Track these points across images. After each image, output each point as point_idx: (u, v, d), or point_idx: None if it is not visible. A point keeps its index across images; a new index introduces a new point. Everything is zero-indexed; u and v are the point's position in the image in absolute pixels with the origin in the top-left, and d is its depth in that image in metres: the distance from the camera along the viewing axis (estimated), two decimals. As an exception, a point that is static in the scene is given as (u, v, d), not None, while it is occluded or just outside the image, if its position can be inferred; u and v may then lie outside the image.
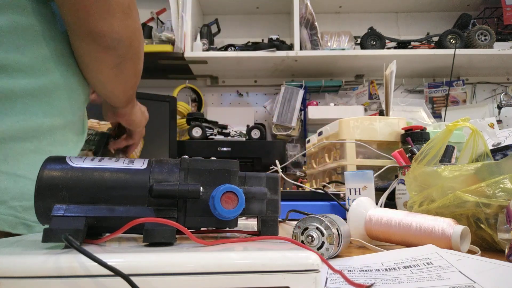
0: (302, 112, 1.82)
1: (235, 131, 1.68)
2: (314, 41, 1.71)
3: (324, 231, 0.46)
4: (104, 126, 0.84)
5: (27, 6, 0.47)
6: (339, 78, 1.96)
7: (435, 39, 1.80)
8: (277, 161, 1.18)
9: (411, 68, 1.87)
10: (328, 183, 1.03)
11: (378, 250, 0.52)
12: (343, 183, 0.87)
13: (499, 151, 0.87)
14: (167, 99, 1.44)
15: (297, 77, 1.95)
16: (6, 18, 0.45)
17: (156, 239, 0.31)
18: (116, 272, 0.24)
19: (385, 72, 1.24)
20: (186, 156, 0.37)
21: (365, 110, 1.79)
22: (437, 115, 1.83)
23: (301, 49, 1.70)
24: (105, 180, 0.33)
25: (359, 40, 1.78)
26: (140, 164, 0.35)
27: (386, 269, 0.39)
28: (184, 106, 1.83)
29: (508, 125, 1.85)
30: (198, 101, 1.94)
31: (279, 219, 0.46)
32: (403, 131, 0.98)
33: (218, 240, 0.34)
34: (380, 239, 0.57)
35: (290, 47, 1.74)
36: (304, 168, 1.59)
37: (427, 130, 0.95)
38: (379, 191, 0.85)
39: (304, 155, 1.53)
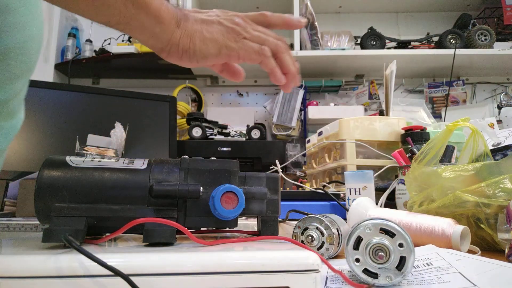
0: (302, 112, 1.82)
1: (235, 131, 1.68)
2: (314, 41, 1.71)
3: (324, 231, 0.46)
4: (105, 151, 0.70)
5: None
6: (339, 78, 1.96)
7: (435, 39, 1.80)
8: (277, 161, 1.18)
9: (411, 68, 1.87)
10: (328, 183, 1.03)
11: (378, 250, 0.52)
12: (343, 183, 0.87)
13: (499, 151, 0.87)
14: (167, 99, 1.43)
15: (297, 77, 1.95)
16: None
17: (156, 239, 0.31)
18: (116, 272, 0.24)
19: (385, 72, 1.24)
20: (186, 156, 0.37)
21: (365, 110, 1.79)
22: (437, 115, 1.83)
23: (301, 49, 1.70)
24: (105, 180, 0.33)
25: (359, 40, 1.78)
26: (140, 164, 0.35)
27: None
28: (184, 106, 1.83)
29: (508, 125, 1.85)
30: (198, 101, 1.94)
31: (279, 219, 0.46)
32: (403, 131, 0.98)
33: (218, 240, 0.34)
34: (380, 239, 0.57)
35: (290, 47, 1.74)
36: (304, 168, 1.59)
37: (427, 130, 0.95)
38: (379, 191, 0.85)
39: (304, 155, 1.53)
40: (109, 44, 1.81)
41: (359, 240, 0.33)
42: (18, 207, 0.81)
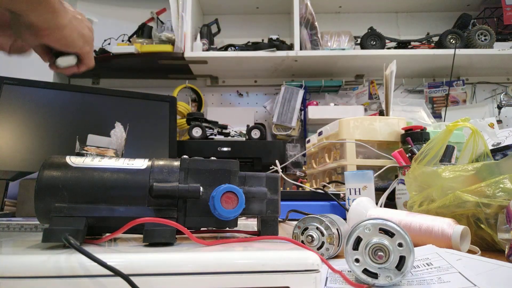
0: (302, 112, 1.82)
1: (235, 131, 1.68)
2: (314, 41, 1.71)
3: (324, 231, 0.46)
4: (105, 151, 0.73)
5: None
6: (339, 78, 1.96)
7: (435, 39, 1.80)
8: (277, 161, 1.18)
9: (411, 68, 1.87)
10: (328, 183, 1.03)
11: (378, 250, 0.52)
12: (343, 183, 0.87)
13: (499, 151, 0.87)
14: (167, 99, 1.44)
15: (297, 77, 1.95)
16: None
17: (156, 239, 0.31)
18: (116, 272, 0.24)
19: (385, 72, 1.24)
20: (186, 156, 0.37)
21: (365, 110, 1.79)
22: (437, 115, 1.83)
23: (301, 49, 1.70)
24: (105, 180, 0.33)
25: (359, 40, 1.78)
26: (140, 164, 0.35)
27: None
28: (184, 106, 1.83)
29: (508, 125, 1.85)
30: (198, 101, 1.94)
31: (279, 219, 0.46)
32: (403, 131, 0.98)
33: (218, 240, 0.34)
34: (380, 239, 0.57)
35: (290, 47, 1.74)
36: (304, 168, 1.59)
37: (427, 130, 0.95)
38: (379, 191, 0.85)
39: (304, 155, 1.53)
40: (109, 44, 1.81)
41: (358, 240, 0.33)
42: (18, 207, 0.81)
